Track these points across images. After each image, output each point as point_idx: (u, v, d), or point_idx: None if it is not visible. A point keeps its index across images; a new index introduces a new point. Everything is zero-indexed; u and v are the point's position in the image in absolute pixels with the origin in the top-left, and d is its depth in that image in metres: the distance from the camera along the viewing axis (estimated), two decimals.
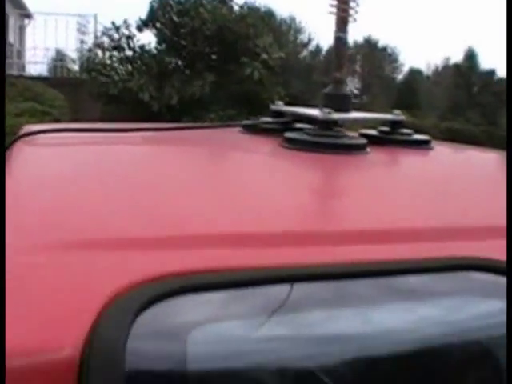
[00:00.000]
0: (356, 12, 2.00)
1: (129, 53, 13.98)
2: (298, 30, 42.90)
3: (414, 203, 1.20)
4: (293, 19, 40.72)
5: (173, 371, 0.65)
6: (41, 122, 10.36)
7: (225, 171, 1.51)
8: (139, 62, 13.78)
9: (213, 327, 0.69)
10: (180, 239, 0.86)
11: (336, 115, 1.80)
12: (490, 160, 2.18)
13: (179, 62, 13.86)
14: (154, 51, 14.10)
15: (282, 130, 1.89)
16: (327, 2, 1.98)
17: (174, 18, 13.63)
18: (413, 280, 0.81)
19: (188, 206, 1.04)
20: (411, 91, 29.42)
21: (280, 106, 2.09)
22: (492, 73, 42.93)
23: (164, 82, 13.29)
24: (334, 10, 2.00)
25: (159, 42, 14.15)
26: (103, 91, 13.52)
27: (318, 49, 47.77)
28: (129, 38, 14.04)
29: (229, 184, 1.29)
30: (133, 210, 0.99)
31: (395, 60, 53.58)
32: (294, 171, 1.53)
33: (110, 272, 0.75)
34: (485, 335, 0.80)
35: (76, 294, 0.70)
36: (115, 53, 14.03)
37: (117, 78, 13.34)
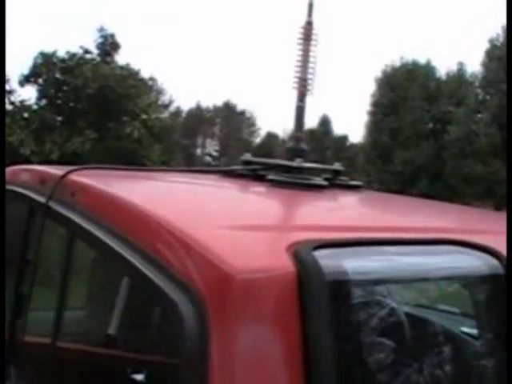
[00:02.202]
0: (313, 87, 2.68)
1: (9, 107, 14.17)
2: (160, 92, 43.74)
3: (358, 212, 2.03)
4: (154, 80, 41.60)
5: (338, 279, 1.25)
6: None
7: (239, 197, 2.14)
8: (19, 117, 14.00)
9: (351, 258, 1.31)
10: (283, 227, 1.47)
11: (305, 164, 2.47)
12: (396, 198, 2.94)
13: (60, 118, 14.21)
14: (35, 106, 14.38)
15: (251, 175, 2.53)
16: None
17: (57, 75, 14.04)
18: None
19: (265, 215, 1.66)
20: (267, 154, 30.93)
21: (249, 156, 2.71)
22: (344, 138, 45.78)
23: (45, 137, 13.58)
24: (296, 85, 2.67)
25: (39, 98, 14.44)
26: None
27: (178, 110, 48.78)
28: (9, 92, 14.25)
29: (246, 202, 1.93)
30: (247, 213, 1.60)
31: (253, 124, 55.58)
32: (282, 199, 2.18)
33: (278, 238, 1.34)
34: None
35: (268, 245, 1.30)
36: None
37: None
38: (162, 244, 1.38)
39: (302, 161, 2.46)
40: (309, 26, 2.64)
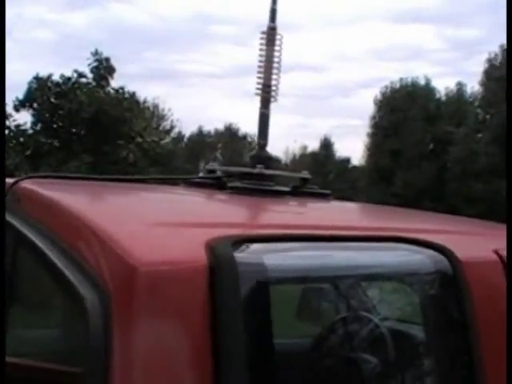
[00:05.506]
0: (276, 94, 2.62)
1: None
2: (161, 117, 43.77)
3: (305, 213, 1.96)
4: (156, 106, 41.69)
5: (253, 270, 1.18)
6: None
7: (180, 201, 2.07)
8: (14, 142, 14.01)
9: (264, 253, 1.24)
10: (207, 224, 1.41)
11: (266, 171, 2.40)
12: (363, 205, 2.88)
13: (56, 143, 14.22)
14: (30, 131, 14.39)
15: (214, 184, 2.46)
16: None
17: (52, 99, 14.06)
18: None
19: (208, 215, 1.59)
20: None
21: (214, 165, 2.65)
22: (347, 161, 45.67)
23: (40, 161, 13.57)
24: (260, 91, 2.61)
25: (35, 122, 14.46)
26: None
27: (180, 136, 48.72)
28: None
29: (185, 204, 1.86)
30: (177, 213, 1.53)
31: (255, 148, 55.44)
32: (227, 202, 2.12)
33: (200, 234, 1.27)
34: None
35: (187, 240, 1.23)
36: None
37: None
38: (83, 242, 1.33)
39: (263, 167, 2.40)
40: (272, 31, 2.59)
